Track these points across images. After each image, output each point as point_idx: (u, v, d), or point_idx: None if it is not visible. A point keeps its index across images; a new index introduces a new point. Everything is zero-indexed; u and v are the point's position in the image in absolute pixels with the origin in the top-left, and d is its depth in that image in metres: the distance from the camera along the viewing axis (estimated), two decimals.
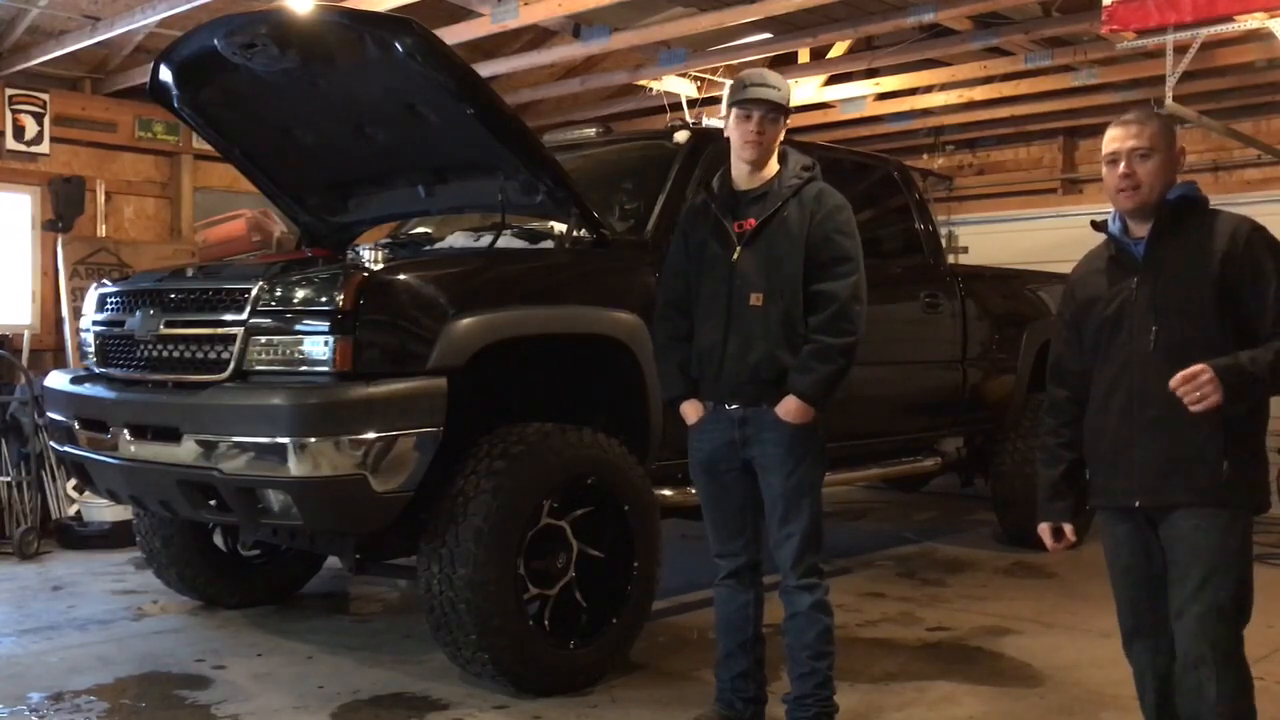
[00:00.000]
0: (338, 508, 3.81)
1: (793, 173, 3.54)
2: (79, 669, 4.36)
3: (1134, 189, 2.87)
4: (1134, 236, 2.95)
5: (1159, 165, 2.86)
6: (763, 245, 3.47)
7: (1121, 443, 2.89)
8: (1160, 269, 2.87)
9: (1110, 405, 2.92)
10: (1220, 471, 2.78)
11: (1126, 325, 2.89)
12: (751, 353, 3.44)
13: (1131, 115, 2.96)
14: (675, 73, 8.17)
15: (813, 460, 3.50)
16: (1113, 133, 2.92)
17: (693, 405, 3.59)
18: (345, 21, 4.24)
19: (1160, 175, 2.87)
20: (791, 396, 3.40)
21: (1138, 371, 2.86)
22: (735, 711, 3.67)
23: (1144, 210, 2.89)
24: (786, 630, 3.56)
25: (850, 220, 3.53)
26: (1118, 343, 2.91)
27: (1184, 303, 2.82)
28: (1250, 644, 2.85)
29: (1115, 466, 2.91)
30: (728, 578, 3.65)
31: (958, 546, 6.94)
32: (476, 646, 3.90)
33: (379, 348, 3.80)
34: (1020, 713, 3.97)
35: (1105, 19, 5.89)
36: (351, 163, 5.00)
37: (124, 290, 4.54)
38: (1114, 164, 2.90)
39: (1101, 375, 2.95)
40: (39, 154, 7.59)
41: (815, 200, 3.49)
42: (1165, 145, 2.88)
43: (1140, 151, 2.86)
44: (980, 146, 11.27)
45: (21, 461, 6.74)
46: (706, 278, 3.56)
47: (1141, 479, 2.85)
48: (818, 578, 3.54)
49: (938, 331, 6.18)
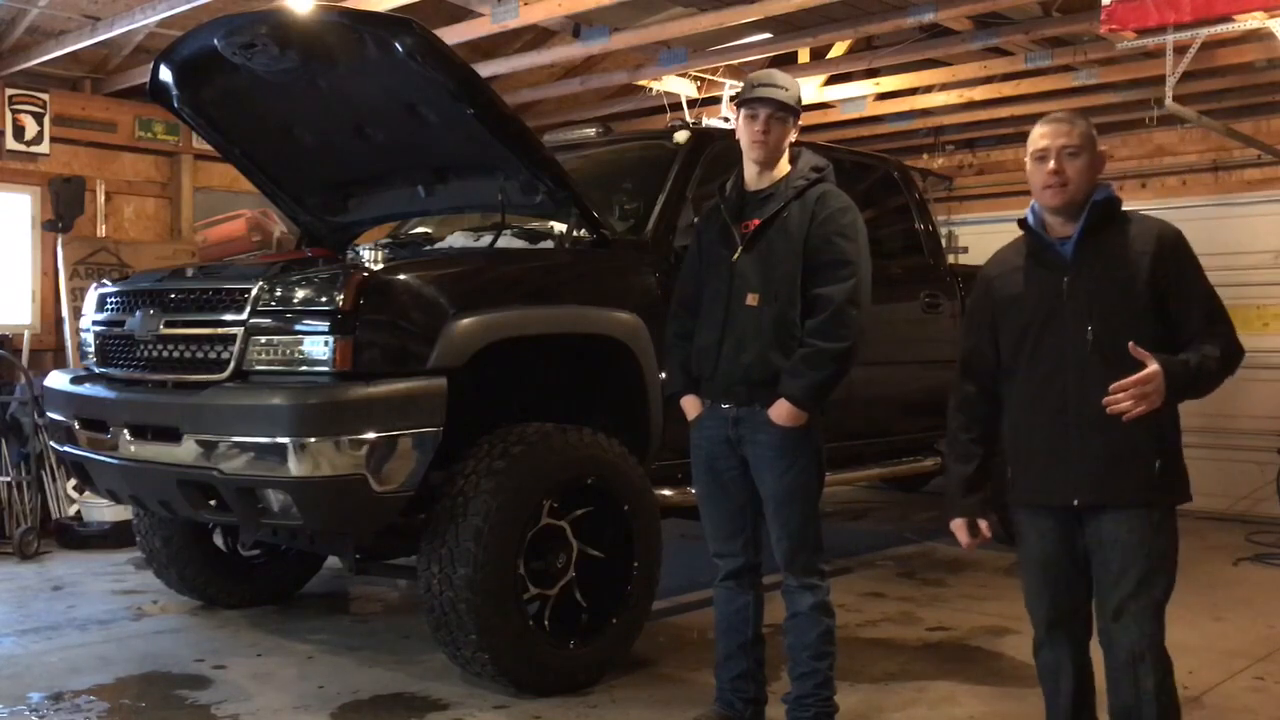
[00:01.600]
0: (337, 508, 3.81)
1: (800, 174, 3.54)
2: (79, 669, 4.36)
3: (1061, 186, 2.90)
4: (1056, 235, 2.96)
5: (1086, 165, 2.91)
6: (762, 246, 3.48)
7: (1057, 441, 2.90)
8: (1090, 268, 2.89)
9: (1041, 404, 2.93)
10: (1154, 469, 2.84)
11: (1057, 324, 2.90)
12: (744, 353, 3.44)
13: (1061, 114, 3.00)
14: (675, 73, 8.16)
15: (807, 461, 3.49)
16: (1041, 129, 2.95)
17: (692, 401, 3.60)
18: (345, 21, 4.24)
19: (1086, 174, 2.91)
20: (782, 400, 3.39)
21: (1073, 371, 2.88)
22: (735, 712, 3.66)
23: (1069, 208, 2.92)
24: (787, 630, 3.56)
25: (854, 224, 3.50)
26: (1047, 342, 2.92)
27: (1118, 303, 2.85)
28: (1250, 644, 2.87)
29: (1050, 465, 2.92)
30: (727, 579, 3.66)
31: (958, 546, 6.90)
32: (476, 646, 3.90)
33: (379, 348, 3.80)
34: (1020, 713, 3.97)
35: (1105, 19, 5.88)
36: (351, 163, 5.00)
37: (124, 290, 4.54)
38: (1042, 160, 2.92)
39: (1030, 374, 2.96)
40: (39, 154, 7.59)
41: (818, 202, 3.48)
42: (1091, 145, 2.93)
43: (1069, 150, 2.90)
44: (980, 146, 11.25)
45: (21, 461, 6.74)
46: (710, 278, 3.58)
47: (1080, 477, 2.87)
48: (819, 578, 3.54)
49: (938, 331, 6.18)
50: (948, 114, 9.59)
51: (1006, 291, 3.02)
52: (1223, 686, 4.18)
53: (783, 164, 3.56)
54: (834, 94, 8.96)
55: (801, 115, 3.56)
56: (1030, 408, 2.96)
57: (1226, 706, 3.90)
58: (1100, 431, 2.82)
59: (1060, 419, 2.89)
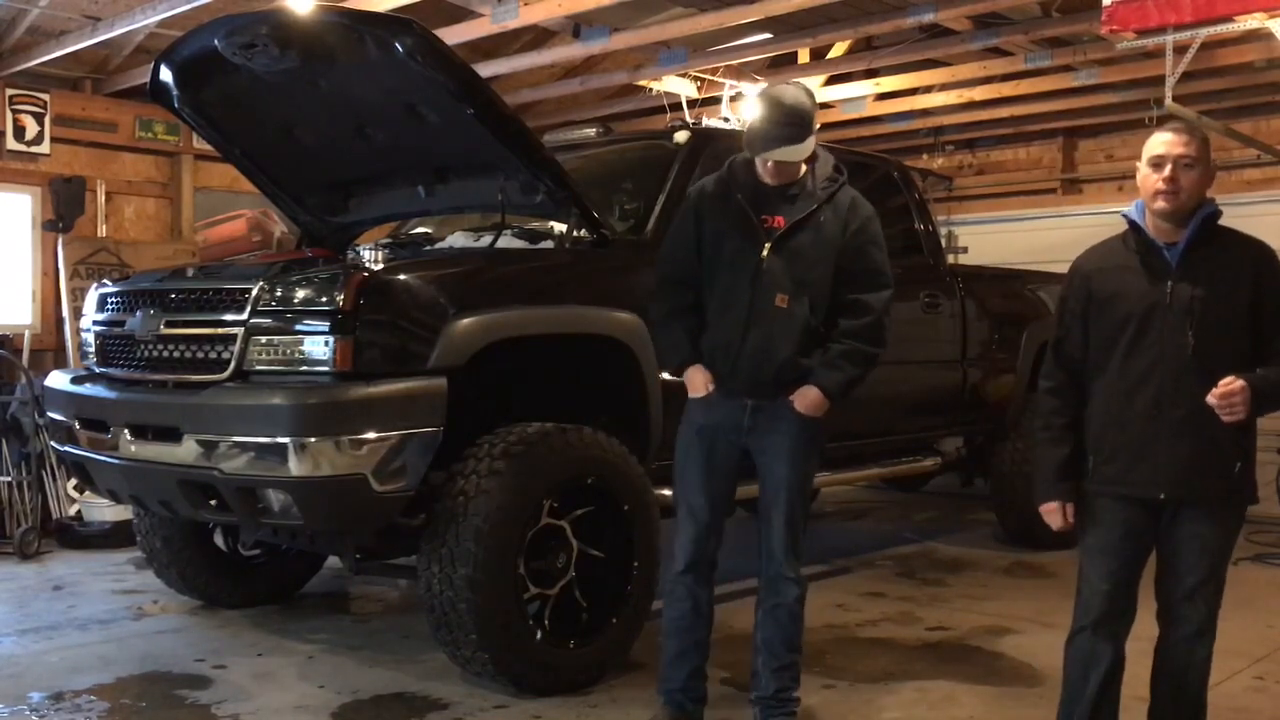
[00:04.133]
0: (338, 507, 3.82)
1: (825, 174, 3.56)
2: (79, 669, 4.36)
3: (1174, 194, 2.98)
4: (1163, 240, 3.04)
5: (1199, 176, 3.00)
6: (794, 247, 3.47)
7: (1148, 437, 3.00)
8: (1195, 277, 2.98)
9: (1135, 400, 3.02)
10: (1234, 471, 3.00)
11: (1157, 327, 2.99)
12: (775, 353, 3.45)
13: (1180, 124, 3.13)
14: (675, 73, 8.17)
15: (817, 453, 3.58)
16: (1162, 137, 3.02)
17: (701, 372, 3.54)
18: (345, 22, 4.24)
19: (1198, 186, 3.00)
20: (814, 389, 3.44)
21: (1169, 373, 2.98)
22: (685, 713, 3.67)
23: (1177, 216, 3.00)
24: (764, 623, 3.57)
25: (880, 231, 3.60)
26: (1145, 343, 3.01)
27: (1218, 313, 2.97)
28: (1250, 644, 2.88)
29: (1138, 459, 3.02)
30: (687, 571, 3.61)
31: (958, 546, 6.94)
32: (476, 646, 3.91)
33: (379, 348, 3.80)
34: (1020, 713, 3.98)
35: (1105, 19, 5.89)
36: (352, 163, 5.00)
37: (124, 290, 4.54)
38: (1158, 167, 2.99)
39: (1124, 370, 3.04)
40: (39, 154, 7.60)
41: (850, 209, 3.54)
42: (1206, 158, 3.01)
43: (1186, 160, 2.97)
44: (980, 146, 11.26)
45: (22, 461, 6.74)
46: (726, 270, 3.53)
47: (1167, 474, 2.99)
48: (801, 571, 3.59)
49: (937, 331, 6.19)
50: (948, 114, 9.60)
51: (1106, 287, 3.10)
52: (1223, 686, 4.18)
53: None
54: (834, 94, 8.97)
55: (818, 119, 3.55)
56: (1121, 402, 3.05)
57: (1226, 706, 3.90)
58: (1189, 433, 2.96)
59: (1152, 416, 2.99)
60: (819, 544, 6.94)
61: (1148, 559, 3.11)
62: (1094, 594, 3.09)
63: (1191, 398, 2.92)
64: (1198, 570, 3.02)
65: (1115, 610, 3.08)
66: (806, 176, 3.54)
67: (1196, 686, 3.11)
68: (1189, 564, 3.02)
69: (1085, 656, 3.11)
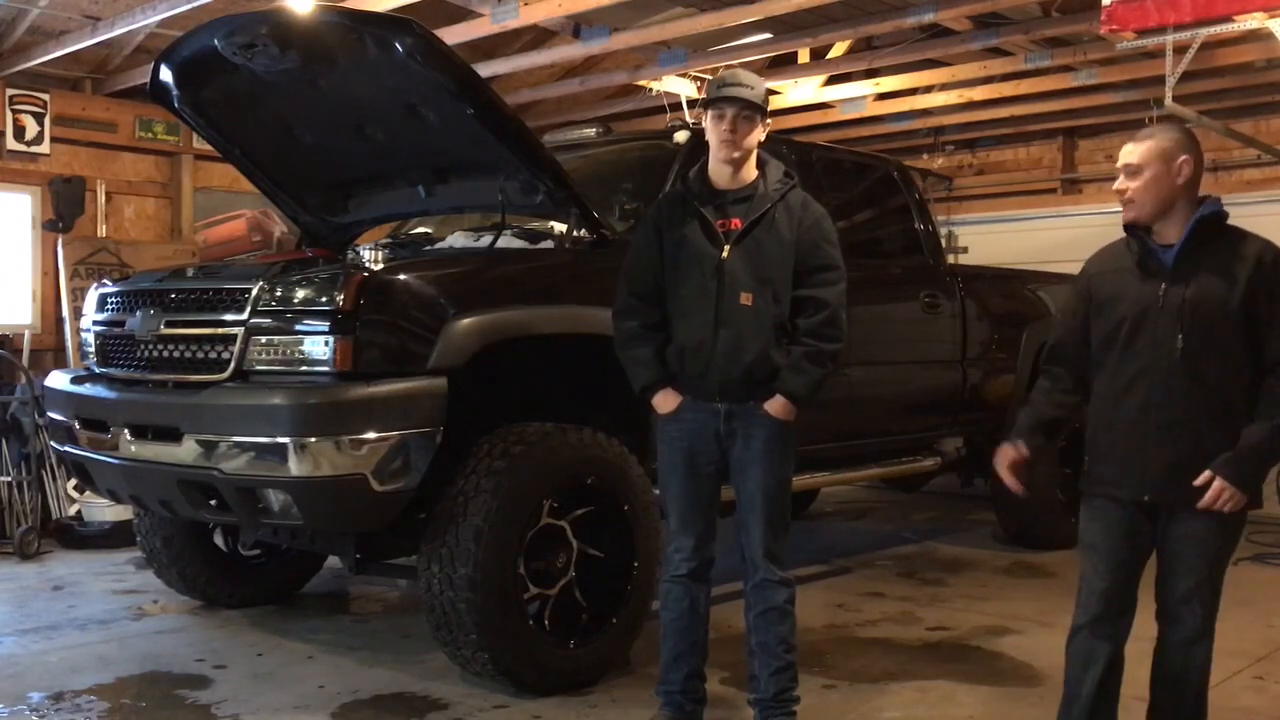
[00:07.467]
0: (338, 507, 3.82)
1: (776, 178, 3.61)
2: (79, 669, 4.36)
3: (1128, 203, 3.01)
4: (1161, 242, 3.03)
5: (1150, 180, 2.98)
6: (752, 245, 3.50)
7: (1136, 440, 3.00)
8: (1188, 279, 2.97)
9: (1125, 403, 3.02)
10: None
11: (1149, 329, 2.99)
12: (745, 352, 3.46)
13: (1145, 130, 3.09)
14: (675, 73, 8.17)
15: (792, 456, 3.60)
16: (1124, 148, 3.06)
17: (671, 393, 3.57)
18: (345, 22, 4.24)
19: (1150, 191, 2.99)
20: (781, 396, 3.47)
21: (1158, 376, 2.97)
22: (685, 714, 3.67)
23: (1141, 221, 3.01)
24: (757, 627, 3.57)
25: (832, 229, 3.64)
26: (1137, 345, 3.01)
27: (1210, 316, 2.94)
28: (1250, 644, 2.88)
29: (1127, 461, 3.02)
30: (683, 575, 3.63)
31: (958, 546, 6.94)
32: (476, 646, 3.91)
33: (379, 348, 3.80)
34: (1020, 713, 3.98)
35: (1105, 19, 5.89)
36: (352, 163, 5.00)
37: (124, 290, 4.54)
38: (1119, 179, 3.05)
39: (1117, 372, 3.04)
40: (39, 154, 7.60)
41: (802, 207, 3.58)
42: (1158, 160, 2.98)
43: (1130, 168, 3.00)
44: (980, 146, 11.27)
45: (22, 461, 6.74)
46: (688, 273, 3.54)
47: (1155, 477, 2.98)
48: (787, 572, 3.60)
49: (937, 331, 6.18)
50: (948, 114, 9.60)
51: (1104, 290, 3.11)
52: (1223, 686, 4.17)
53: (750, 166, 3.59)
54: (834, 94, 8.97)
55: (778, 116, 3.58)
56: (1113, 404, 3.06)
57: (1226, 706, 3.90)
58: (1175, 437, 2.95)
59: (1140, 419, 2.99)
60: (819, 544, 6.95)
61: (1148, 559, 3.11)
62: (1092, 593, 3.10)
63: (1179, 401, 2.92)
64: (1195, 573, 3.00)
65: (1113, 609, 3.07)
66: (759, 180, 3.58)
67: (1196, 688, 3.10)
68: (1186, 566, 3.01)
69: (1083, 656, 3.11)
